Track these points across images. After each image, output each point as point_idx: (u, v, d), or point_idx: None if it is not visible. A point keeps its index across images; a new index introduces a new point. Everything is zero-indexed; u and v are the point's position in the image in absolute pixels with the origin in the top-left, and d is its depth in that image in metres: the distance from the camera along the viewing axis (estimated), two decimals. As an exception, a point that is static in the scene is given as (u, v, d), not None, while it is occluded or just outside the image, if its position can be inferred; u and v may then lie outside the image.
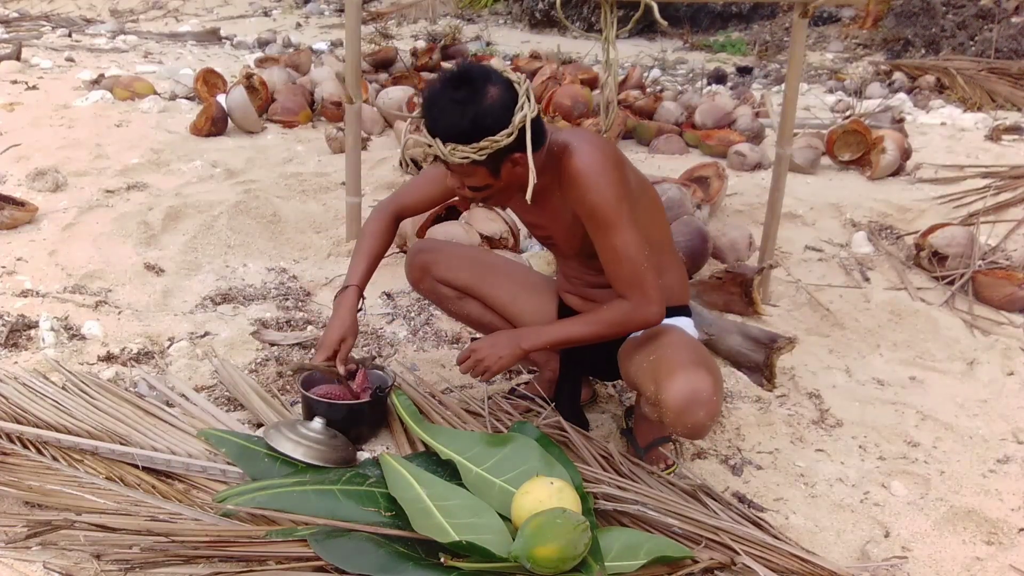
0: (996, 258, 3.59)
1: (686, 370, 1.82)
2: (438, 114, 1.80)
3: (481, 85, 1.77)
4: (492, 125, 1.77)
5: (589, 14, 9.94)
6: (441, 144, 1.80)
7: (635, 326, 1.99)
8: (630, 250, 1.89)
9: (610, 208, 1.86)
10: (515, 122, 1.78)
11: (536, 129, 1.82)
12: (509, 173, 1.86)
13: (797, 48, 3.00)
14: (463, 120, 1.77)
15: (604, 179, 1.86)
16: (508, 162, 1.83)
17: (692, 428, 1.84)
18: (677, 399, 1.79)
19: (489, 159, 1.81)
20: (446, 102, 1.79)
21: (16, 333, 2.68)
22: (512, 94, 1.79)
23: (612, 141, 1.98)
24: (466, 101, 1.77)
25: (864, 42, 9.93)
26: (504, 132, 1.77)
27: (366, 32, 9.47)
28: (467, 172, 1.85)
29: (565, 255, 2.17)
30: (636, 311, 1.94)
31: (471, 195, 1.94)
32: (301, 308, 3.05)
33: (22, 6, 11.24)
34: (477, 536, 1.66)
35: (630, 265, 1.90)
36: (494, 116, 1.77)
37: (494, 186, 1.89)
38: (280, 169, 4.54)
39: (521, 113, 1.78)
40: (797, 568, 1.70)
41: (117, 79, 6.19)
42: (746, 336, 2.75)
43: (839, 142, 5.07)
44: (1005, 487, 2.23)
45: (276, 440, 2.00)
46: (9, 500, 1.85)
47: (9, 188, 3.96)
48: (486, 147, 1.78)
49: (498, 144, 1.78)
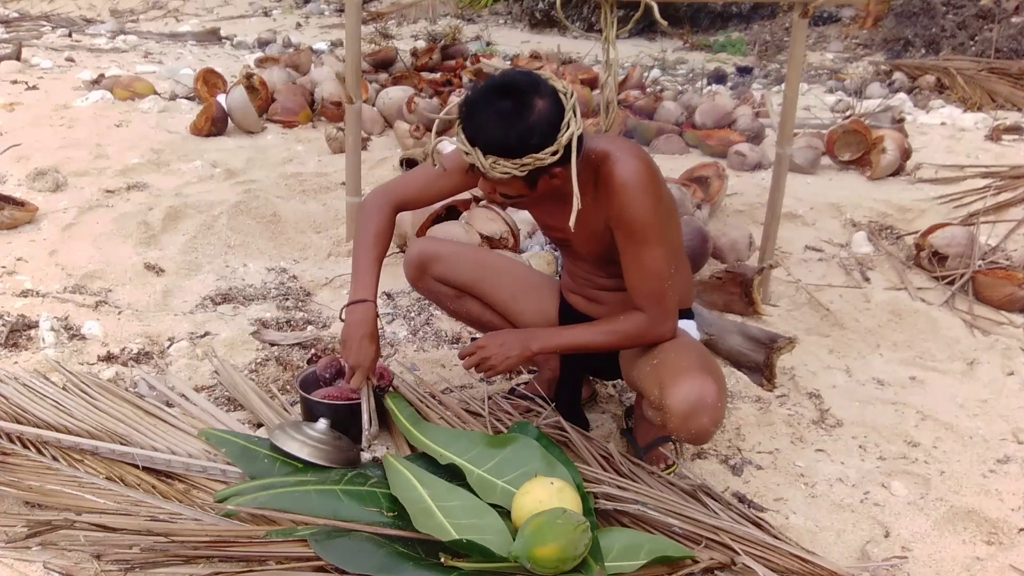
0: (996, 258, 3.59)
1: (691, 376, 1.82)
2: (481, 124, 1.73)
3: (529, 98, 1.71)
4: (538, 143, 1.70)
5: (589, 14, 9.94)
6: (481, 155, 1.73)
7: (649, 340, 1.97)
8: (658, 266, 1.88)
9: (649, 224, 1.84)
10: (561, 141, 1.72)
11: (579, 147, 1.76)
12: (546, 184, 1.81)
13: (797, 48, 3.00)
14: (508, 135, 1.70)
15: (646, 194, 1.84)
16: (547, 175, 1.79)
17: (696, 434, 1.83)
18: (682, 405, 1.79)
19: (529, 174, 1.76)
20: (491, 113, 1.72)
21: (16, 333, 2.69)
22: (559, 107, 1.72)
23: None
24: (512, 115, 1.70)
25: (864, 42, 9.93)
26: (549, 150, 1.71)
27: (366, 32, 9.47)
28: (503, 183, 1.80)
29: (579, 258, 2.13)
30: (652, 326, 1.93)
31: (500, 200, 1.90)
32: (301, 308, 3.05)
33: (22, 6, 11.24)
34: (478, 536, 1.66)
35: (656, 281, 1.89)
36: (540, 133, 1.70)
37: (528, 196, 1.84)
38: (280, 169, 4.55)
39: (568, 132, 1.72)
40: (797, 568, 1.70)
41: (117, 79, 6.19)
42: (746, 336, 2.75)
43: (839, 142, 5.07)
44: (1005, 487, 2.23)
45: (282, 440, 2.00)
46: (9, 500, 1.85)
47: (9, 188, 3.96)
48: (529, 164, 1.72)
49: (542, 162, 1.72)
